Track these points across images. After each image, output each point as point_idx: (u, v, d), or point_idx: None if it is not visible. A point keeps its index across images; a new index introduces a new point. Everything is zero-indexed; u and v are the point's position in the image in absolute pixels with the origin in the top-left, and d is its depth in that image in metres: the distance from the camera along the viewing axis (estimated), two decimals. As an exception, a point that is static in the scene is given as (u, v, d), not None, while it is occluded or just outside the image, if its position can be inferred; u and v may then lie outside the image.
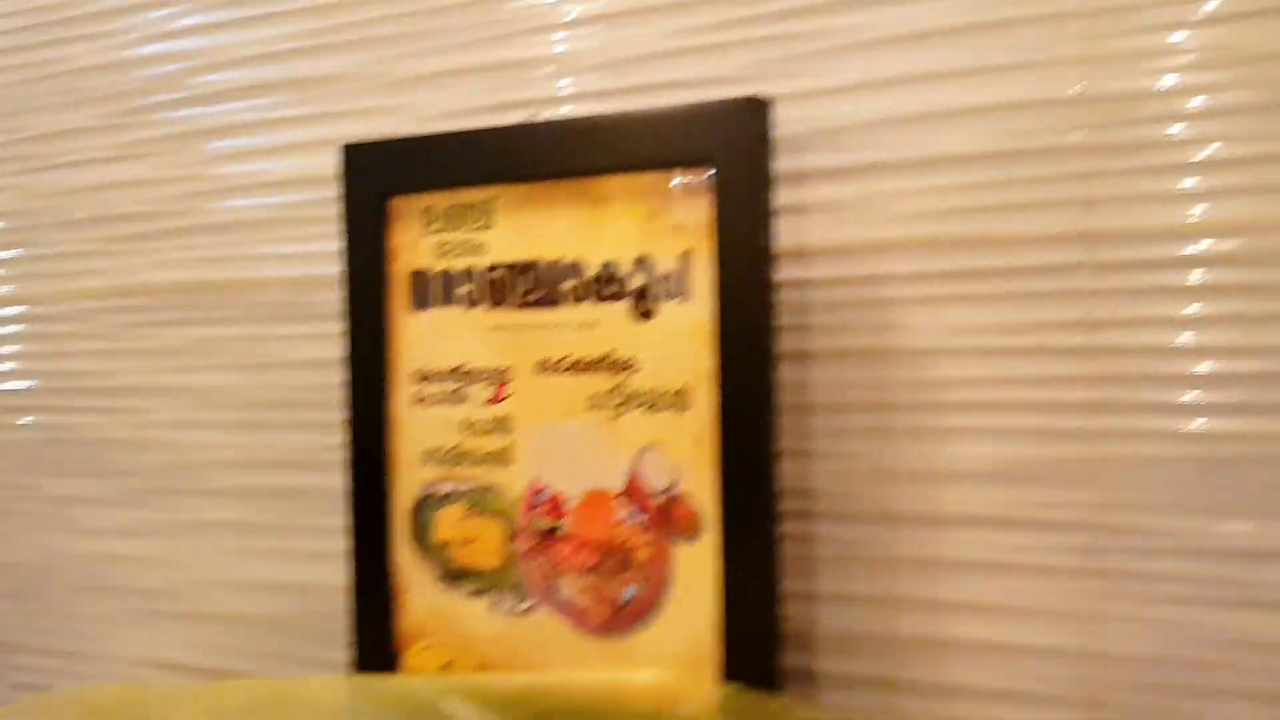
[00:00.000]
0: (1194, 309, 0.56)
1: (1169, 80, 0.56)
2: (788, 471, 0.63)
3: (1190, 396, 0.56)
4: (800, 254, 0.63)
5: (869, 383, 0.62)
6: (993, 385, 0.60)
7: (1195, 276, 0.56)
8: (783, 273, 0.62)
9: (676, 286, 0.60)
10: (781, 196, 0.62)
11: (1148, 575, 0.57)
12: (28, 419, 0.88)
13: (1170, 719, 0.57)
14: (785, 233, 0.62)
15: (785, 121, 0.62)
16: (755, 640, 0.57)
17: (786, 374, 0.63)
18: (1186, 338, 0.56)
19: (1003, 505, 0.60)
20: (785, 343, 0.63)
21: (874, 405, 0.62)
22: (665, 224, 0.60)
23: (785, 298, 0.63)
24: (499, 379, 0.64)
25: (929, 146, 0.60)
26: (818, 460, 0.63)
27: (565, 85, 0.70)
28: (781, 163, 0.62)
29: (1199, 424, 0.56)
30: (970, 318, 0.60)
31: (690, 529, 0.59)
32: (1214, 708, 0.56)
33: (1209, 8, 0.56)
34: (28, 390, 0.88)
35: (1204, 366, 0.56)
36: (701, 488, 0.59)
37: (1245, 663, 0.56)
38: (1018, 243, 0.59)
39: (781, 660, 0.56)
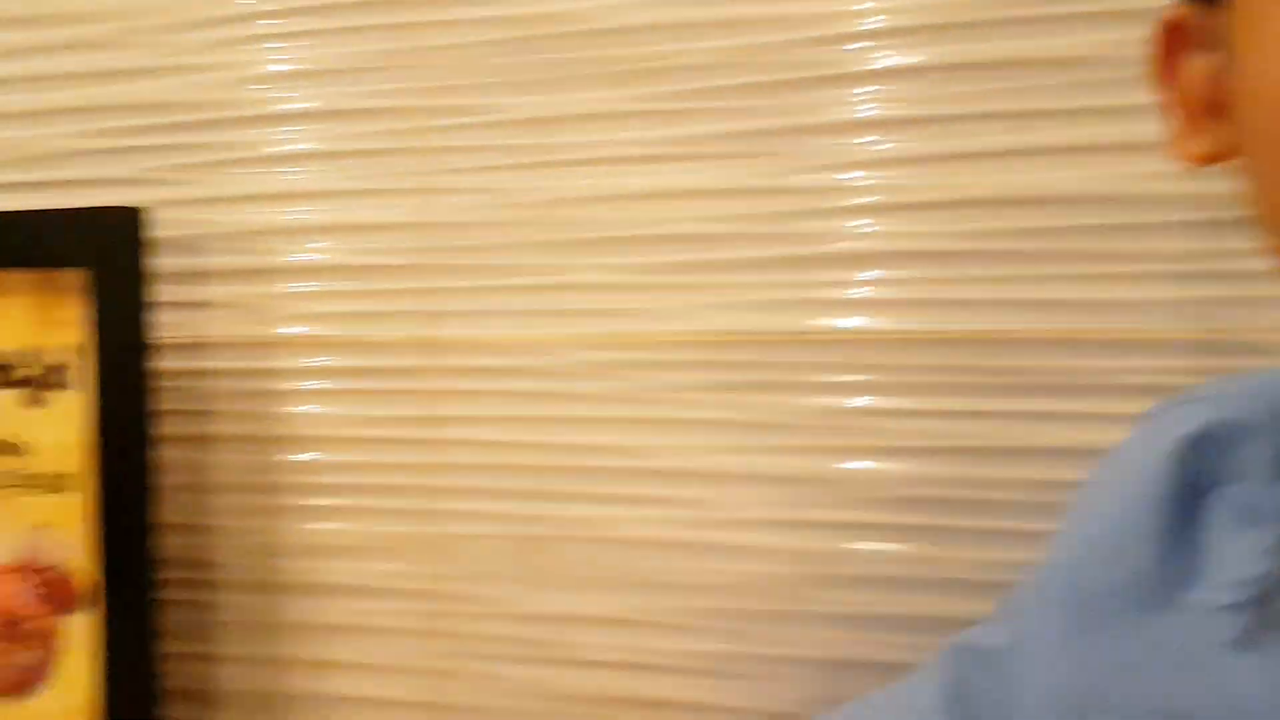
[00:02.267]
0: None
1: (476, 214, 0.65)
2: (187, 545, 0.68)
3: (505, 483, 0.65)
4: (200, 346, 0.68)
5: (259, 466, 0.68)
6: (355, 471, 0.67)
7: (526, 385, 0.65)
8: (184, 363, 0.68)
9: (64, 377, 0.64)
10: (182, 293, 0.68)
11: (479, 637, 0.66)
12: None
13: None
14: (186, 326, 0.68)
15: (189, 224, 0.68)
16: (134, 703, 0.63)
17: (186, 456, 0.68)
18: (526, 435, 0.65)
19: (360, 576, 0.67)
20: (186, 428, 0.68)
21: (263, 486, 0.68)
22: (55, 318, 0.64)
23: (186, 387, 0.68)
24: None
25: (308, 256, 0.67)
26: (215, 535, 0.69)
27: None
28: (183, 262, 0.67)
29: (522, 508, 0.65)
30: (340, 411, 0.67)
31: (76, 603, 0.64)
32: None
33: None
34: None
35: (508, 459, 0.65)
36: (86, 564, 0.63)
37: (564, 711, 0.65)
38: (376, 346, 0.67)
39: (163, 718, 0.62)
